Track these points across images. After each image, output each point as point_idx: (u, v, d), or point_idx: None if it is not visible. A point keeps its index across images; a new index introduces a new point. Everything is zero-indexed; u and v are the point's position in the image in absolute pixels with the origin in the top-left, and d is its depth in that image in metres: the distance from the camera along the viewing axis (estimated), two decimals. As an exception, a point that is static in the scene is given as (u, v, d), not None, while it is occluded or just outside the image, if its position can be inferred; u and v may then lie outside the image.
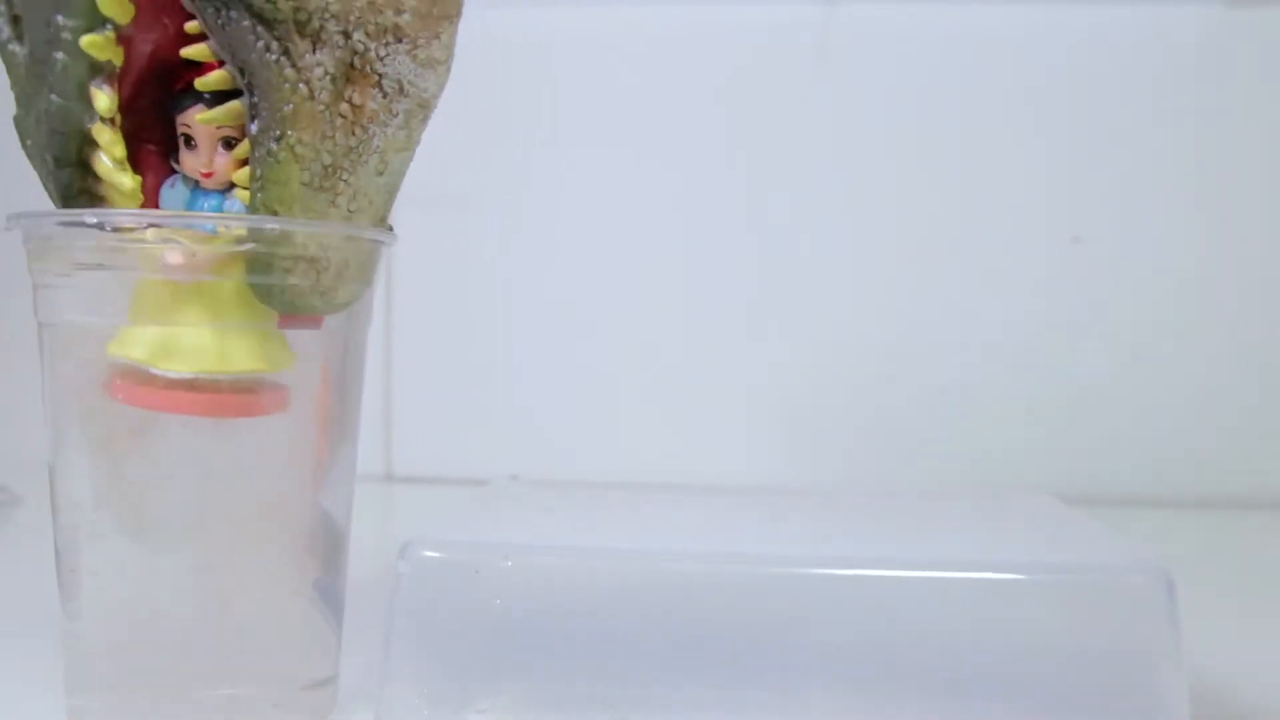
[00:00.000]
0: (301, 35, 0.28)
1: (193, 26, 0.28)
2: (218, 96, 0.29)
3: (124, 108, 0.29)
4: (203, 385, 0.29)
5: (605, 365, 0.75)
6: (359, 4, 0.28)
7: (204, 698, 0.30)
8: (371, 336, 0.33)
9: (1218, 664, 0.36)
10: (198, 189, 0.30)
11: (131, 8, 0.28)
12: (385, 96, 0.29)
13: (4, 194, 0.31)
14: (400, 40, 0.29)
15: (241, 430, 0.30)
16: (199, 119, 0.29)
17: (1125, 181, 0.72)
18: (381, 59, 0.29)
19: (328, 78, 0.28)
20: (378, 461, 0.76)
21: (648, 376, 0.74)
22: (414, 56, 0.29)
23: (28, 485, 0.60)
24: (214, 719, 0.30)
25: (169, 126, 0.30)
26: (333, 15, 0.28)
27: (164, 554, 0.30)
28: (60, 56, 0.28)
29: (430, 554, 0.31)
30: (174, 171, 0.30)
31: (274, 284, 0.29)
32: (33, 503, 0.62)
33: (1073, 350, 0.72)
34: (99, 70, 0.28)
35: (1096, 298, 0.72)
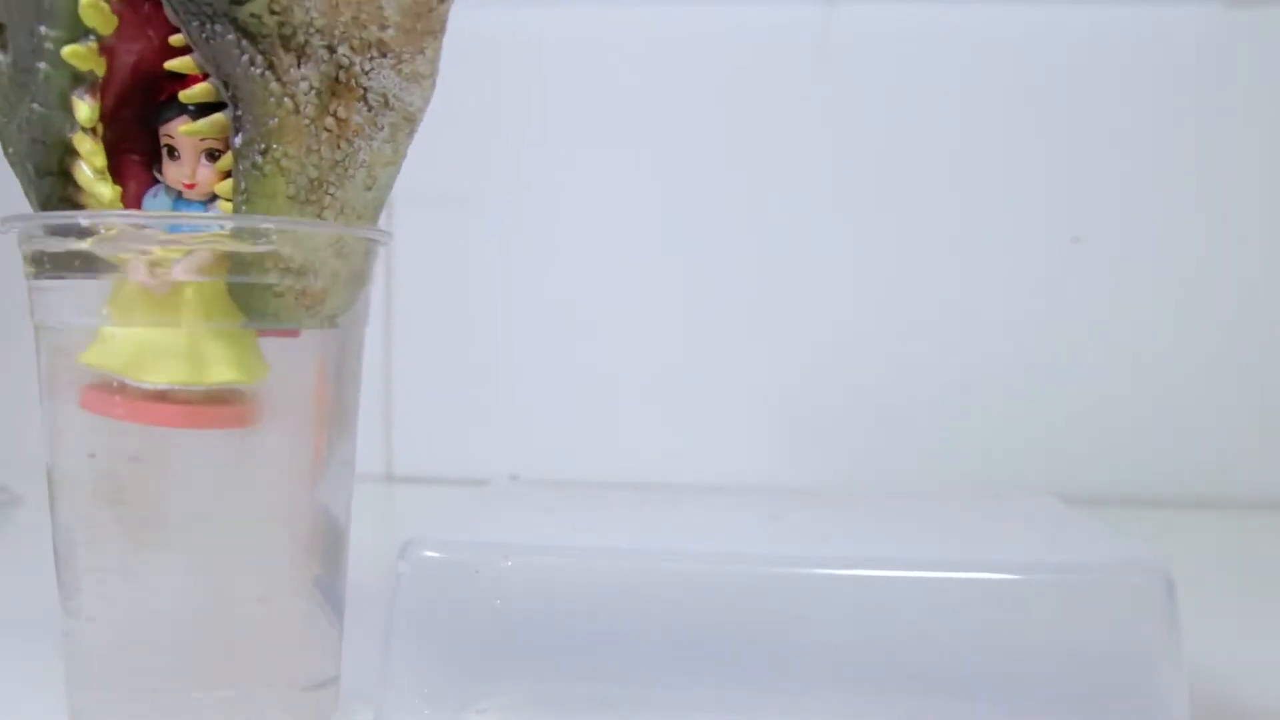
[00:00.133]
0: (286, 50, 0.28)
1: (177, 39, 0.28)
2: (202, 108, 0.29)
3: (106, 118, 0.29)
4: (177, 396, 0.29)
5: (605, 365, 0.75)
6: (343, 19, 0.28)
7: (205, 698, 0.30)
8: (371, 336, 0.33)
9: (1218, 664, 0.36)
10: (180, 200, 0.30)
11: (115, 19, 0.28)
12: (370, 110, 0.29)
13: (4, 194, 0.31)
14: (385, 55, 0.29)
15: (240, 430, 0.30)
16: (183, 131, 0.29)
17: (1125, 181, 0.72)
18: (366, 73, 0.29)
19: (313, 92, 0.28)
20: (378, 461, 0.76)
21: (648, 376, 0.74)
22: (399, 71, 0.29)
23: (28, 485, 0.60)
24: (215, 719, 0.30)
25: (152, 137, 0.30)
26: (317, 30, 0.28)
27: (164, 554, 0.30)
28: (43, 66, 0.28)
29: (430, 554, 0.31)
30: (156, 181, 0.30)
31: (259, 296, 0.29)
32: (33, 503, 0.62)
33: (1072, 350, 0.72)
34: (81, 80, 0.28)
35: (1096, 298, 0.72)
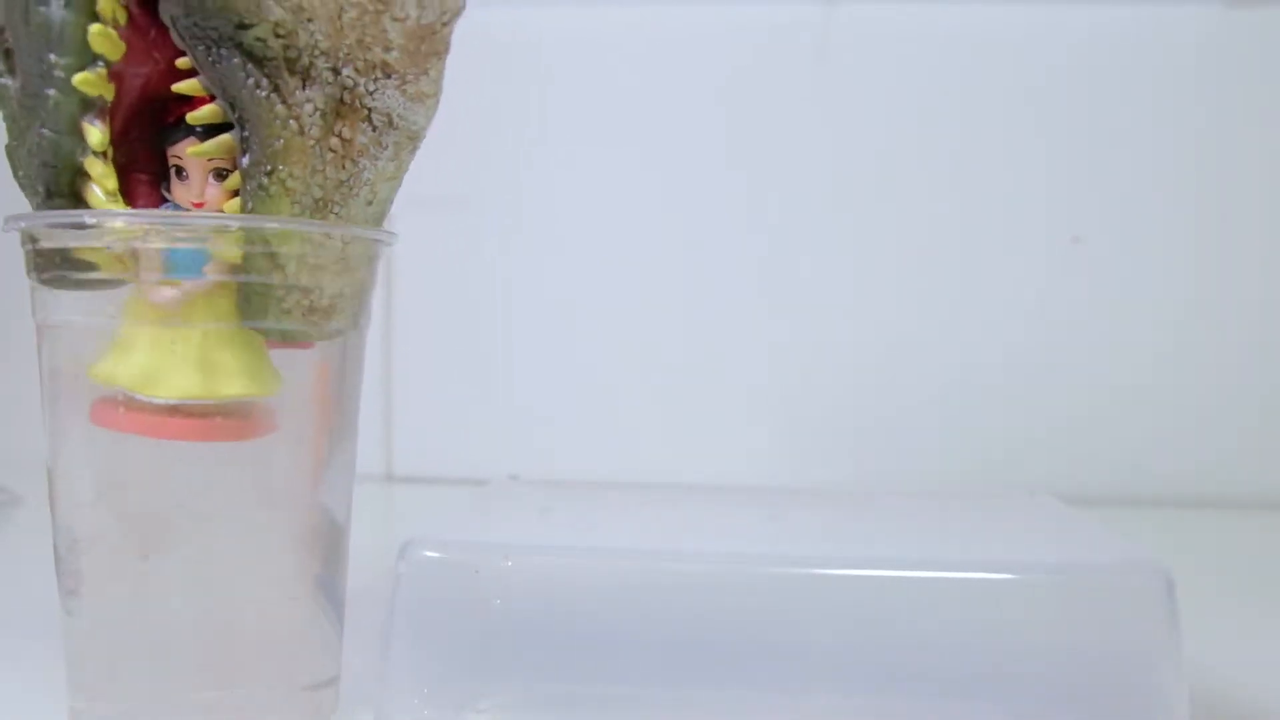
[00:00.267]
0: (291, 72, 0.28)
1: (184, 61, 0.29)
2: (209, 129, 0.29)
3: (115, 140, 0.29)
4: (189, 410, 0.29)
5: (605, 365, 0.75)
6: (348, 42, 0.28)
7: (205, 698, 0.30)
8: (371, 337, 0.33)
9: (1218, 664, 0.36)
10: None
11: (122, 45, 0.28)
12: (375, 130, 0.29)
13: (4, 194, 0.31)
14: (389, 76, 0.29)
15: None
16: (191, 152, 0.29)
17: (1125, 181, 0.72)
18: (371, 94, 0.29)
19: (317, 113, 0.28)
20: (378, 461, 0.76)
21: (648, 376, 0.74)
22: (403, 91, 0.29)
23: (28, 485, 0.60)
24: None
25: (160, 157, 0.30)
26: (322, 52, 0.28)
27: (164, 554, 0.30)
28: (52, 93, 0.28)
29: (430, 554, 0.31)
30: (165, 200, 0.30)
31: (266, 311, 0.29)
32: (33, 503, 0.62)
33: (1072, 350, 0.72)
34: (91, 106, 0.28)
35: (1096, 298, 0.72)
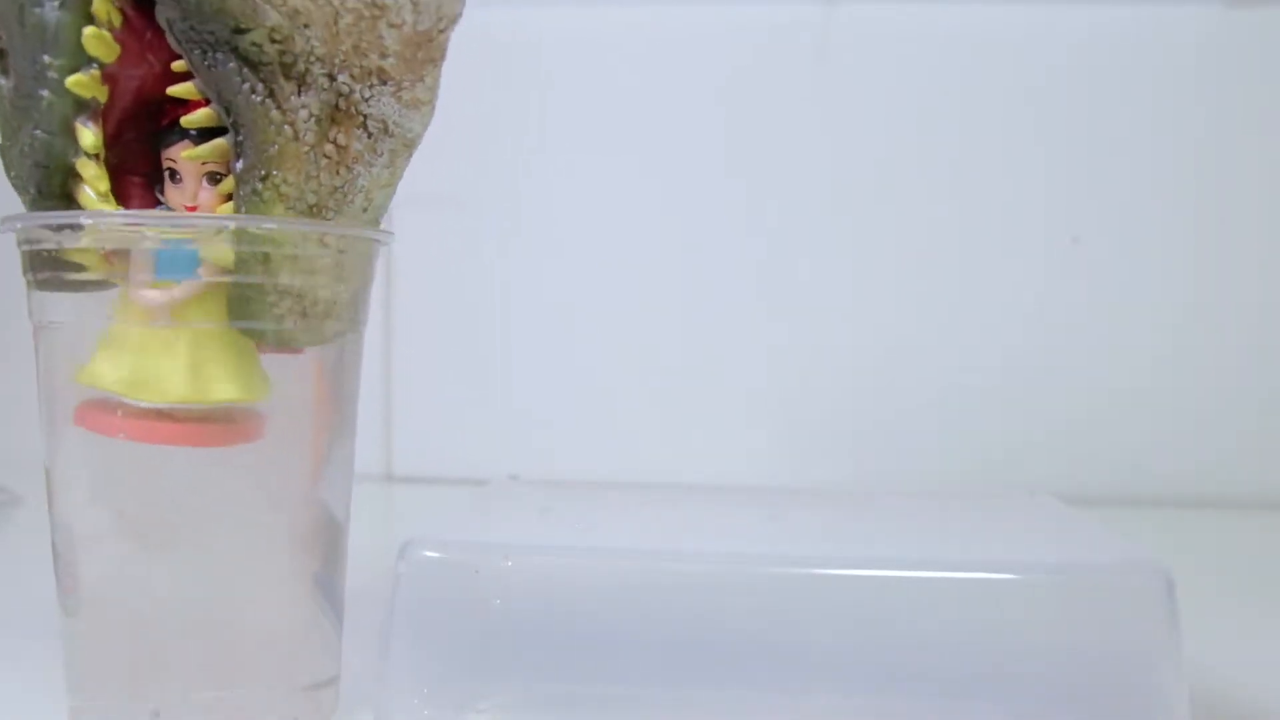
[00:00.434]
0: (287, 78, 0.28)
1: (179, 64, 0.28)
2: (204, 133, 0.29)
3: (108, 141, 0.29)
4: (177, 415, 0.29)
5: (605, 365, 0.75)
6: (344, 48, 0.28)
7: (204, 698, 0.30)
8: (371, 336, 0.33)
9: (1218, 664, 0.36)
10: None
11: (117, 47, 0.28)
12: (370, 137, 0.29)
13: (4, 194, 0.31)
14: (385, 83, 0.29)
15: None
16: (185, 156, 0.29)
17: (1125, 182, 0.72)
18: (366, 100, 0.29)
19: (312, 119, 0.28)
20: (378, 461, 0.76)
21: (647, 376, 0.74)
22: (399, 98, 0.29)
23: (28, 485, 0.60)
24: None
25: (153, 159, 0.30)
26: (318, 58, 0.28)
27: (163, 554, 0.30)
28: (46, 94, 0.28)
29: (430, 554, 0.31)
30: (158, 203, 0.30)
31: (260, 319, 0.29)
32: (33, 503, 0.62)
33: (1072, 350, 0.72)
34: (84, 108, 0.28)
35: (1096, 298, 0.72)
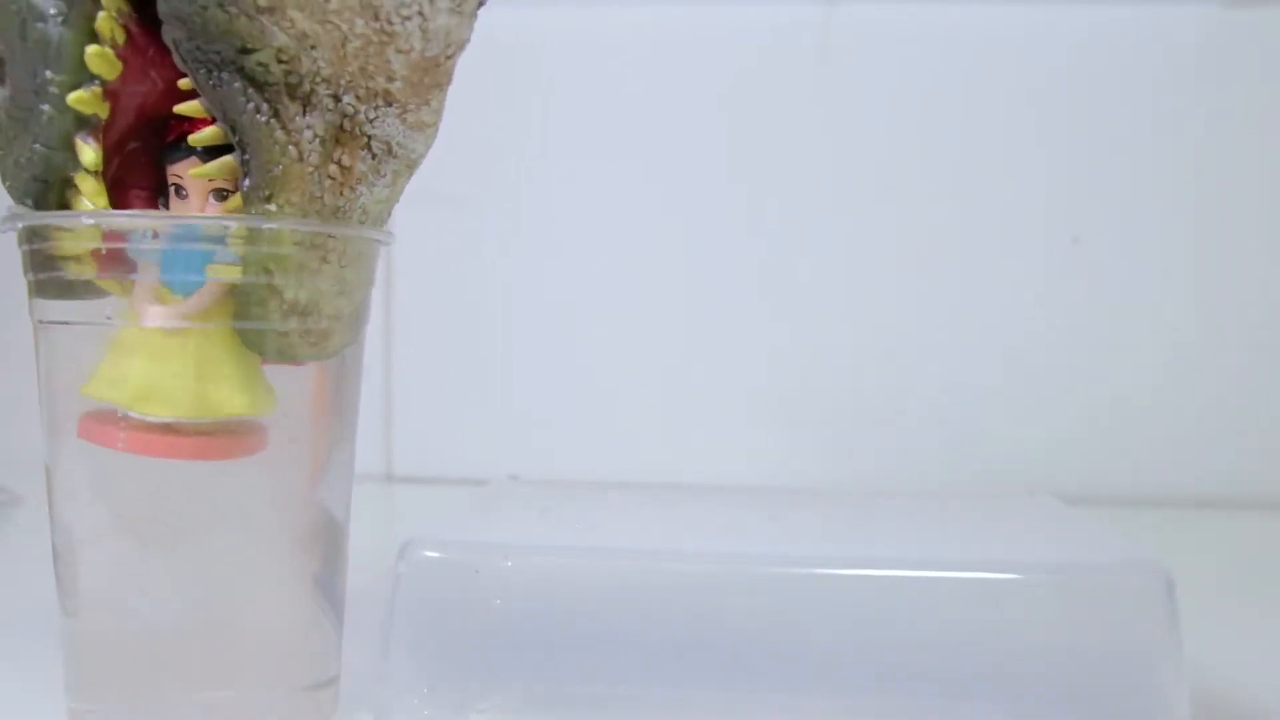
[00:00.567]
0: (292, 98, 0.28)
1: (185, 82, 0.28)
2: (209, 149, 0.29)
3: (109, 156, 0.29)
4: (182, 429, 0.29)
5: (605, 365, 0.75)
6: (350, 69, 0.28)
7: (204, 698, 0.30)
8: (371, 336, 0.33)
9: (1218, 664, 0.36)
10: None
11: (119, 64, 0.28)
12: (374, 158, 0.29)
13: (3, 194, 0.31)
14: (390, 105, 0.29)
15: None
16: (193, 173, 0.29)
17: (1125, 182, 0.72)
18: (371, 121, 0.29)
19: (317, 140, 0.28)
20: (378, 461, 0.76)
21: (648, 377, 0.74)
22: (404, 120, 0.29)
23: (28, 485, 0.60)
24: None
25: (156, 173, 0.30)
26: (324, 79, 0.28)
27: (163, 554, 0.30)
28: (46, 108, 0.28)
29: (430, 554, 0.31)
30: None
31: (264, 332, 0.29)
32: (33, 503, 0.62)
33: (1072, 350, 0.72)
34: (85, 124, 0.28)
35: (1096, 298, 0.72)
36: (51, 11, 0.28)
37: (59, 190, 0.29)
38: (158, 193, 0.30)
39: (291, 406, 0.30)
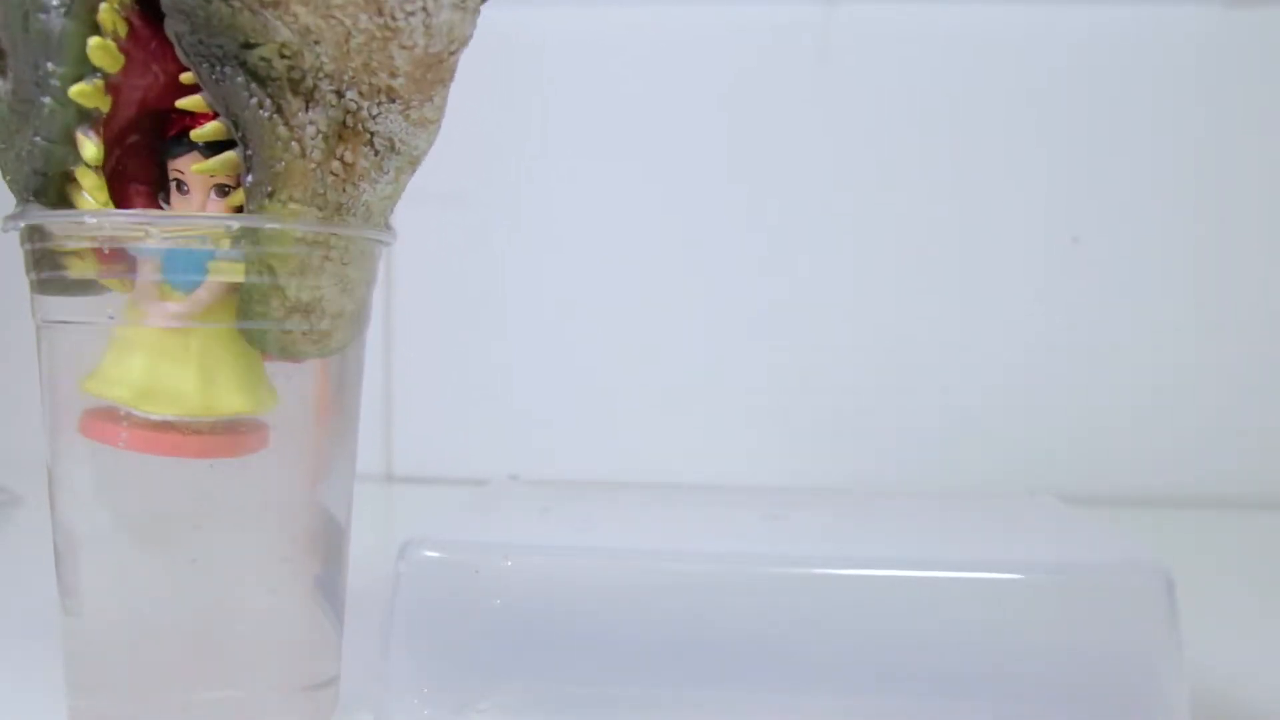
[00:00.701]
0: (295, 93, 0.28)
1: (187, 76, 0.28)
2: (212, 145, 0.29)
3: (109, 148, 0.29)
4: (183, 426, 0.29)
5: (605, 365, 0.75)
6: (353, 65, 0.28)
7: (204, 698, 0.30)
8: (371, 336, 0.33)
9: (1218, 664, 0.36)
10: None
11: (121, 58, 0.28)
12: (377, 154, 0.29)
13: (4, 194, 0.31)
14: (393, 101, 0.29)
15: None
16: (195, 169, 0.29)
17: (1125, 182, 0.72)
18: (374, 118, 0.29)
19: (320, 136, 0.28)
20: (378, 461, 0.76)
21: (648, 377, 0.74)
22: (406, 116, 0.29)
23: (28, 485, 0.60)
24: None
25: (157, 168, 0.30)
26: (327, 75, 0.28)
27: (164, 554, 0.30)
28: (48, 101, 0.28)
29: (430, 554, 0.31)
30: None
31: (266, 330, 0.29)
32: (33, 503, 0.62)
33: (1072, 350, 0.72)
34: (86, 117, 0.28)
35: (1096, 298, 0.72)
36: (54, 3, 0.28)
37: (59, 184, 0.29)
38: (158, 187, 0.30)
39: (294, 405, 0.30)
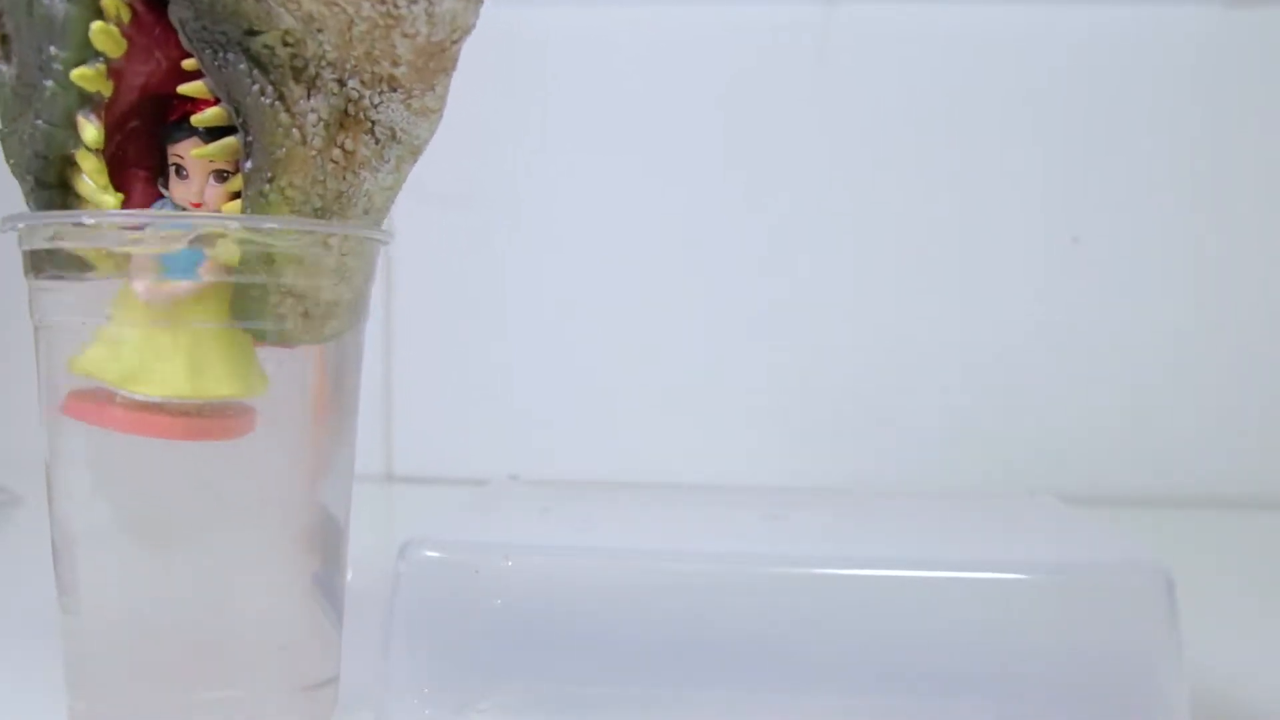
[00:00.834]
0: (297, 81, 0.28)
1: (189, 62, 0.28)
2: (213, 131, 0.29)
3: (110, 134, 0.29)
4: (168, 408, 0.28)
5: (605, 365, 0.75)
6: (356, 53, 0.28)
7: (204, 698, 0.30)
8: (371, 336, 0.33)
9: (1218, 664, 0.36)
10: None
11: (124, 42, 0.28)
12: (378, 143, 0.29)
13: (4, 194, 0.31)
14: (395, 90, 0.29)
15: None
16: (195, 154, 0.29)
17: (1125, 182, 0.72)
18: (375, 106, 0.29)
19: (321, 124, 0.28)
20: (378, 461, 0.76)
21: (648, 377, 0.74)
22: (408, 105, 0.29)
23: (28, 485, 0.60)
24: None
25: (158, 152, 0.30)
26: (329, 63, 0.28)
27: (163, 554, 0.30)
28: (49, 84, 0.28)
29: (430, 554, 0.31)
30: (161, 196, 0.30)
31: (261, 316, 0.29)
32: (33, 503, 0.62)
33: (1072, 350, 0.72)
34: (88, 101, 0.28)
35: (1096, 298, 0.72)
36: None
37: (60, 167, 0.29)
38: (158, 172, 0.30)
39: (290, 396, 0.30)
